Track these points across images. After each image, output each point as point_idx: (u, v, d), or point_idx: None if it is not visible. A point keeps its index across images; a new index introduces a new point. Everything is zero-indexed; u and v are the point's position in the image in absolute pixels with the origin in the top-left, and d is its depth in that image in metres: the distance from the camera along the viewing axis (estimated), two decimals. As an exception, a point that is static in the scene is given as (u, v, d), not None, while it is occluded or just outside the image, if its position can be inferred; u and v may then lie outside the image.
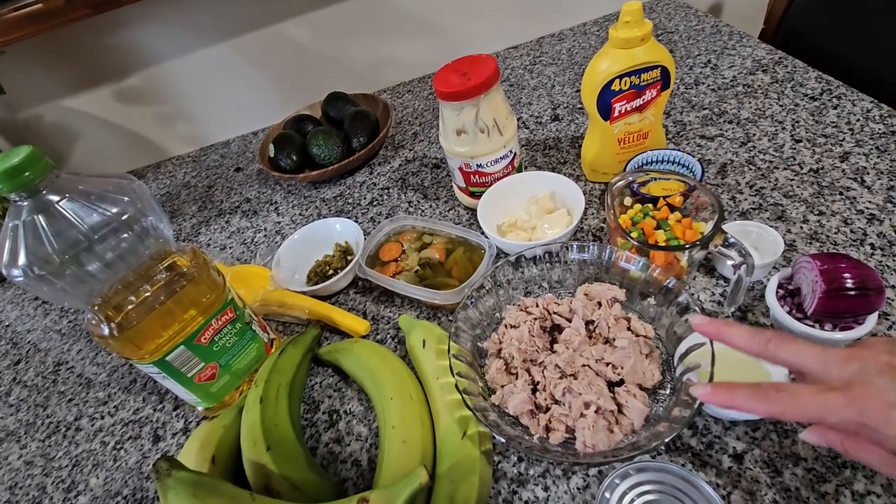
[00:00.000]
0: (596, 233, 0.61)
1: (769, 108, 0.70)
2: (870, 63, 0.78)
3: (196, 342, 0.47)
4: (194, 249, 0.48)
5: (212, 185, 0.95)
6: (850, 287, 0.40)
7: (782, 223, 0.55)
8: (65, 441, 0.58)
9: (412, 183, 0.79)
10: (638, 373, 0.42)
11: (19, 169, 0.35)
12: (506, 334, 0.47)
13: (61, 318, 0.75)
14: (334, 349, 0.54)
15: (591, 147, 0.65)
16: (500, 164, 0.63)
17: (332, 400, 0.53)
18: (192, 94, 1.01)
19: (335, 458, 0.48)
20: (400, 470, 0.40)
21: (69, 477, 0.54)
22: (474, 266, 0.57)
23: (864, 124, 0.63)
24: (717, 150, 0.66)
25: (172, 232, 0.46)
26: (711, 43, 0.87)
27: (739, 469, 0.39)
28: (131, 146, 1.06)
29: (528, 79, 0.94)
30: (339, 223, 0.68)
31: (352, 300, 0.63)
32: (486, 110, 0.59)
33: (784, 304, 0.44)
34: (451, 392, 0.44)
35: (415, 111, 0.96)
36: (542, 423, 0.42)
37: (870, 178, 0.57)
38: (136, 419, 0.57)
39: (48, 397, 0.64)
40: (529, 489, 0.42)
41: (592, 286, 0.48)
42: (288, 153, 0.83)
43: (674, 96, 0.77)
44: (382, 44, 1.01)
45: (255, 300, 0.60)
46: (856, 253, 0.50)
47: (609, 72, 0.56)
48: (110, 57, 0.93)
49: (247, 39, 0.95)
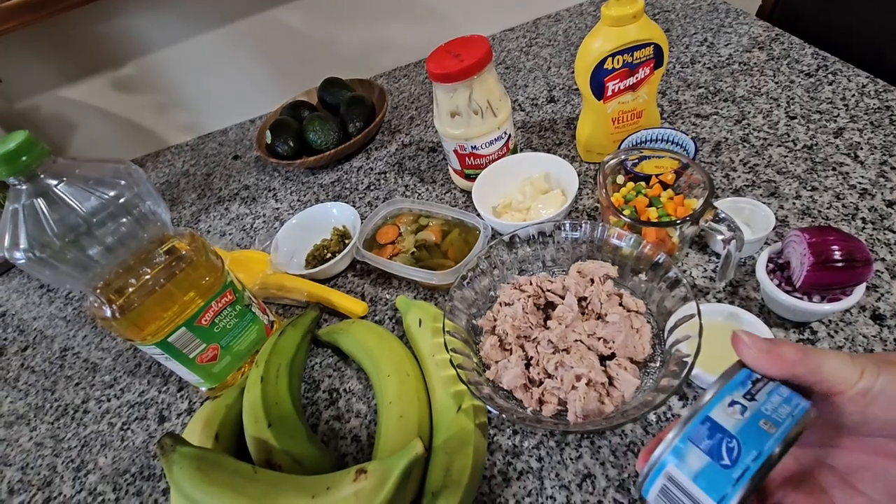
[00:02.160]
0: (590, 212, 0.62)
1: (764, 85, 0.70)
2: (868, 38, 0.78)
3: (197, 324, 0.48)
4: (192, 233, 0.49)
5: (210, 172, 0.96)
6: (838, 259, 0.40)
7: (775, 199, 0.55)
8: (73, 423, 0.59)
9: (408, 167, 0.79)
10: (629, 346, 0.43)
11: (16, 153, 0.36)
12: (500, 312, 0.48)
13: (66, 305, 0.77)
14: (333, 330, 0.55)
15: (586, 127, 0.66)
16: (495, 145, 0.64)
17: (332, 379, 0.54)
18: (188, 82, 1.01)
19: (335, 434, 0.49)
20: (397, 443, 0.42)
21: (78, 457, 0.55)
22: (470, 247, 0.58)
23: (860, 100, 0.63)
24: (711, 129, 0.66)
25: (170, 216, 0.46)
26: (708, 21, 0.86)
27: (728, 438, 0.40)
28: (129, 136, 1.06)
29: (524, 61, 0.93)
30: (336, 207, 0.69)
31: (350, 283, 0.64)
32: (480, 92, 0.59)
33: (774, 278, 0.45)
34: (446, 368, 0.45)
35: (411, 95, 0.96)
36: (536, 397, 0.43)
37: (863, 154, 0.57)
38: (142, 401, 0.59)
39: (56, 382, 0.65)
40: (524, 460, 0.43)
41: (585, 264, 0.49)
42: (285, 140, 0.84)
43: (669, 75, 0.77)
44: (378, 28, 1.00)
45: (254, 284, 0.61)
46: (847, 227, 0.51)
47: (601, 50, 0.56)
48: (105, 46, 0.93)
49: (241, 26, 0.95)
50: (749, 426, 0.23)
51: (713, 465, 0.23)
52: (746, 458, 0.22)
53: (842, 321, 0.44)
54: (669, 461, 0.24)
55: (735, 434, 0.23)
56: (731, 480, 0.22)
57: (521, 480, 0.42)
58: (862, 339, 0.43)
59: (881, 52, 0.73)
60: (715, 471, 0.23)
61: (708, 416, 0.24)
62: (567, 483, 0.41)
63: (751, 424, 0.23)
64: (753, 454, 0.22)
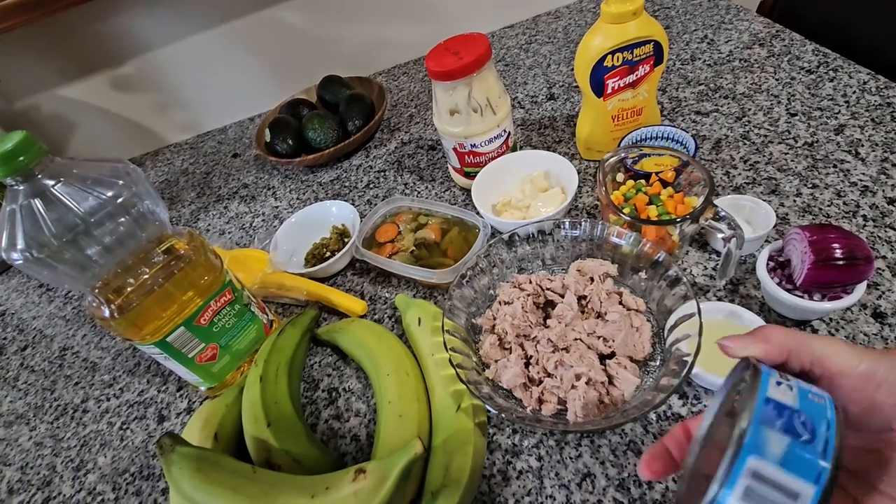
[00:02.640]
0: (590, 210, 0.62)
1: (765, 82, 0.69)
2: (869, 35, 0.77)
3: (196, 323, 0.48)
4: (191, 232, 0.49)
5: (210, 171, 0.96)
6: (839, 257, 0.40)
7: (776, 197, 0.55)
8: (72, 422, 0.59)
9: (408, 165, 0.79)
10: (629, 345, 0.43)
11: (13, 153, 0.36)
12: (500, 310, 0.48)
13: (65, 304, 0.77)
14: (332, 329, 0.55)
15: (585, 125, 0.65)
16: (494, 143, 0.63)
17: (331, 378, 0.54)
18: (187, 80, 1.01)
19: (335, 433, 0.49)
20: (396, 443, 0.42)
21: (78, 456, 0.55)
22: (469, 245, 0.57)
23: (861, 96, 0.63)
24: (712, 126, 0.66)
25: (169, 215, 0.46)
26: (708, 17, 0.86)
27: (728, 436, 0.40)
28: (129, 134, 1.06)
29: (523, 58, 0.93)
30: (336, 206, 0.69)
31: (349, 281, 0.63)
32: (479, 89, 0.59)
33: (774, 276, 0.44)
34: (445, 367, 0.45)
35: (410, 93, 0.96)
36: (535, 396, 0.42)
37: (864, 151, 0.56)
38: (141, 400, 0.59)
39: (55, 381, 0.65)
40: (523, 459, 0.43)
41: (585, 262, 0.49)
42: (284, 138, 0.83)
43: (670, 72, 0.77)
44: (377, 26, 1.00)
45: (254, 283, 0.61)
46: (848, 225, 0.51)
47: (601, 47, 0.56)
48: (104, 45, 0.92)
49: (240, 24, 0.95)
50: (804, 399, 0.22)
51: (795, 443, 0.21)
52: (820, 428, 0.21)
53: (843, 319, 0.44)
54: (749, 455, 0.20)
55: (799, 408, 0.21)
56: (817, 454, 0.20)
57: (520, 480, 0.42)
58: (863, 337, 0.43)
59: (882, 49, 0.73)
60: (799, 449, 0.20)
61: (767, 396, 0.22)
62: (567, 482, 0.41)
63: (804, 397, 0.22)
64: (824, 424, 0.21)
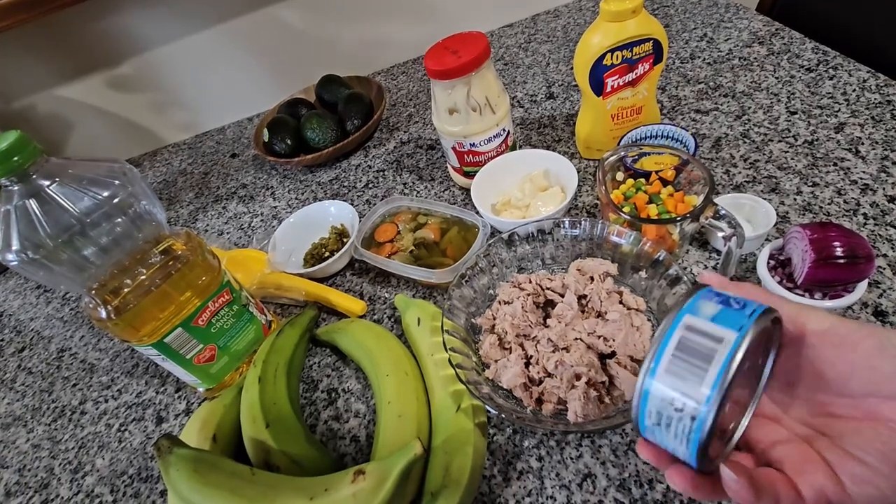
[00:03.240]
0: (590, 209, 0.61)
1: (765, 80, 0.69)
2: (869, 33, 0.77)
3: (194, 324, 0.48)
4: (189, 233, 0.49)
5: (208, 171, 0.95)
6: (840, 255, 0.40)
7: (776, 195, 0.55)
8: (70, 424, 0.59)
9: (407, 164, 0.79)
10: (629, 345, 0.43)
11: (8, 153, 0.36)
12: (499, 310, 0.48)
13: (63, 305, 0.76)
14: (331, 329, 0.55)
15: (585, 124, 0.65)
16: (494, 142, 0.63)
17: (331, 379, 0.54)
18: (185, 80, 1.00)
19: (334, 434, 0.49)
20: (396, 443, 0.41)
21: (76, 458, 0.55)
22: (469, 245, 0.57)
23: (860, 94, 0.62)
24: (711, 125, 0.66)
25: (167, 215, 0.46)
26: (708, 16, 0.85)
27: (729, 436, 0.40)
28: (127, 134, 1.06)
29: (522, 57, 0.93)
30: (334, 206, 0.68)
31: (348, 281, 0.63)
32: (478, 88, 0.58)
33: (775, 275, 0.44)
34: (445, 368, 0.45)
35: (409, 93, 0.96)
36: (535, 396, 0.42)
37: (864, 149, 0.56)
38: (140, 402, 0.58)
39: (53, 383, 0.65)
40: (524, 459, 0.43)
41: (585, 261, 0.49)
42: (282, 138, 0.83)
43: (669, 71, 0.77)
44: (376, 25, 0.99)
45: (252, 283, 0.61)
46: (848, 223, 0.50)
47: (601, 46, 0.55)
48: (101, 44, 0.92)
49: (238, 23, 0.94)
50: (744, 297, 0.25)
51: (726, 308, 0.24)
52: (753, 304, 0.24)
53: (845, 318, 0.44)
54: (685, 314, 0.25)
55: (737, 296, 0.25)
56: (744, 315, 0.23)
57: (521, 480, 0.41)
58: (864, 336, 0.42)
59: (882, 47, 0.73)
60: (728, 311, 0.24)
61: (710, 288, 0.26)
62: (567, 483, 0.40)
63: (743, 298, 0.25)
64: (755, 304, 0.24)
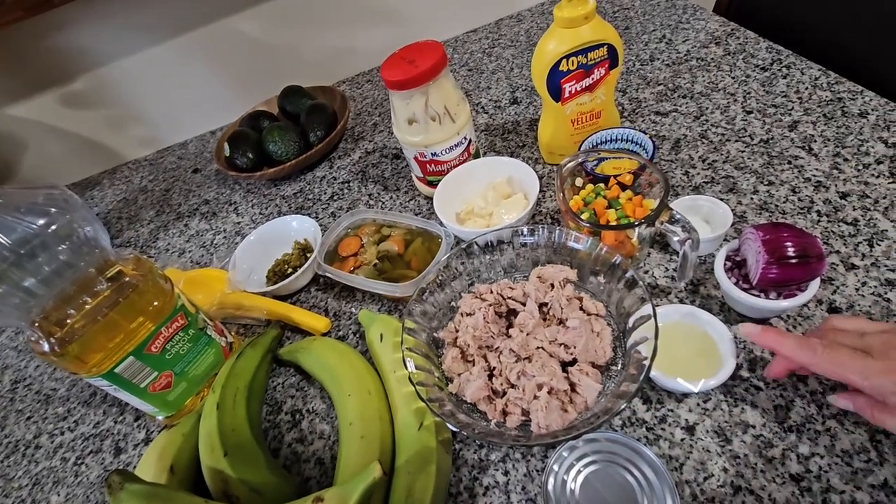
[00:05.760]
0: (554, 215, 0.61)
1: (721, 80, 0.70)
2: (821, 30, 0.79)
3: (146, 351, 0.46)
4: (138, 257, 0.47)
5: (169, 188, 0.93)
6: (792, 255, 0.40)
7: (733, 195, 0.56)
8: (24, 460, 0.56)
9: (372, 175, 0.78)
10: (590, 351, 0.42)
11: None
12: (461, 322, 0.47)
13: (17, 334, 0.73)
14: (294, 349, 0.54)
15: (547, 129, 0.65)
16: (455, 151, 0.63)
17: (295, 400, 0.52)
18: (143, 95, 0.98)
19: (298, 457, 0.48)
20: (358, 466, 0.40)
21: (29, 496, 0.52)
22: (433, 256, 0.56)
23: (813, 92, 0.64)
24: (671, 126, 0.66)
25: (110, 241, 0.44)
26: (666, 17, 0.87)
27: (691, 440, 0.40)
28: (84, 153, 1.03)
29: (486, 62, 0.93)
30: (296, 220, 0.67)
31: (313, 297, 0.62)
32: (436, 97, 0.58)
33: (731, 276, 0.44)
34: (407, 384, 0.44)
35: (374, 101, 0.95)
36: (499, 408, 0.42)
37: (817, 146, 0.57)
38: (97, 433, 0.56)
39: (6, 416, 0.62)
40: (490, 474, 0.42)
41: (545, 268, 0.48)
42: (244, 151, 0.81)
43: (629, 73, 0.77)
44: (339, 33, 0.98)
45: (212, 304, 0.59)
46: (803, 221, 0.51)
47: (556, 52, 0.55)
48: (52, 60, 0.89)
49: (197, 35, 0.92)
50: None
51: None
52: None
53: (800, 316, 0.44)
54: None
55: None
56: None
57: (486, 496, 0.41)
58: (819, 332, 0.43)
59: (836, 43, 0.74)
60: None
61: None
62: (533, 496, 0.40)
63: None
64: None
